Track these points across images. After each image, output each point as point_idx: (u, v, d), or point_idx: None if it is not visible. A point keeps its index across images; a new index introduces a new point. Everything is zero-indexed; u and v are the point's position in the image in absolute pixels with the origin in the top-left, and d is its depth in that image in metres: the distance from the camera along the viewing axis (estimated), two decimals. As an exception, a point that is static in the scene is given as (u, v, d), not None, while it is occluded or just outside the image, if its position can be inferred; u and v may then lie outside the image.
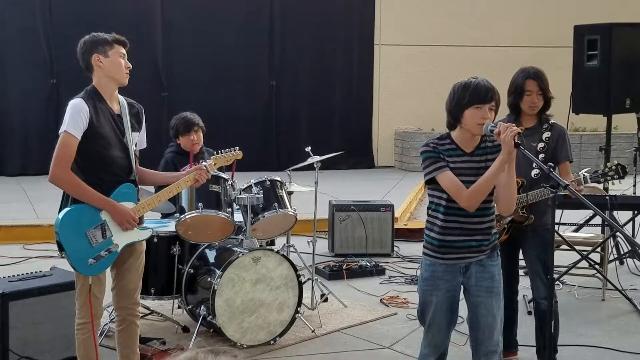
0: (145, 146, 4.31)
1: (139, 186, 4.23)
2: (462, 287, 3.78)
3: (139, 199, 4.15)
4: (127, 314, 4.24)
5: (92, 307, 4.04)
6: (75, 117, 3.91)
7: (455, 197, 3.61)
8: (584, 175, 4.53)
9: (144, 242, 4.27)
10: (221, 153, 4.54)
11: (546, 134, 4.64)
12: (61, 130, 3.94)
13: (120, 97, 4.15)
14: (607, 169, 4.60)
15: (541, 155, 4.59)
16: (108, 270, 4.14)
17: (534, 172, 4.57)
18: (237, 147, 4.58)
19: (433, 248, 3.75)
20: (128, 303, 4.23)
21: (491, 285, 3.72)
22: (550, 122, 4.68)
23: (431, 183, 3.70)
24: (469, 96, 3.59)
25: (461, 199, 3.60)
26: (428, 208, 3.80)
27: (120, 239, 4.06)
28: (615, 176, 4.59)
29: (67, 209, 3.99)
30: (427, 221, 3.79)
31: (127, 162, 4.09)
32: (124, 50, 4.07)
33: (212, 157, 4.53)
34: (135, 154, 4.17)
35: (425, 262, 3.81)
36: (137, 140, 4.18)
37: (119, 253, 4.08)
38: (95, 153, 3.98)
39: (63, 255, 4.00)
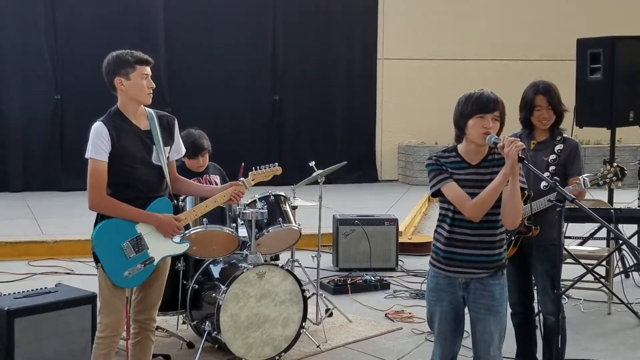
0: (183, 154, 4.38)
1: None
2: (464, 300, 3.81)
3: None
4: (142, 327, 4.26)
5: (113, 322, 4.05)
6: (96, 141, 3.97)
7: (459, 207, 3.66)
8: (584, 179, 4.54)
9: (169, 260, 4.30)
10: (260, 169, 4.67)
11: (559, 146, 4.66)
12: (86, 155, 4.01)
13: (150, 111, 4.17)
14: (606, 171, 4.61)
15: (552, 167, 4.62)
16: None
17: (543, 184, 4.57)
18: (277, 163, 4.78)
19: (438, 259, 3.79)
20: (144, 317, 4.26)
21: (490, 304, 3.72)
22: (563, 135, 4.72)
23: (438, 195, 3.74)
24: (471, 106, 3.64)
25: (465, 210, 3.64)
26: (438, 220, 3.84)
27: (157, 252, 4.09)
28: (614, 178, 4.60)
29: (102, 222, 4.03)
30: (435, 231, 3.83)
31: (156, 179, 4.13)
32: (147, 70, 4.08)
33: (250, 172, 4.64)
34: (170, 167, 4.20)
35: (430, 272, 3.86)
36: (169, 153, 4.21)
37: (156, 266, 4.11)
38: (122, 173, 4.03)
39: (98, 267, 4.04)
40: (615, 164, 4.69)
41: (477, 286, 3.73)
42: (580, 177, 4.56)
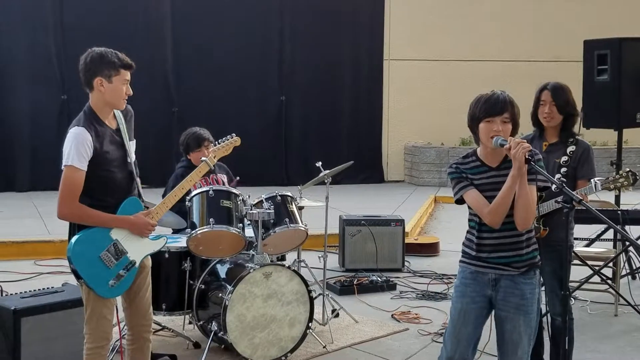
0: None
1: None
2: (491, 303, 3.73)
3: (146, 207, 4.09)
4: (140, 331, 4.20)
5: (103, 330, 3.98)
6: (80, 148, 3.80)
7: (479, 214, 3.65)
8: (595, 182, 4.53)
9: (150, 257, 4.20)
10: (219, 143, 4.52)
11: (571, 148, 4.67)
12: (65, 162, 3.83)
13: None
14: (617, 176, 4.61)
15: (563, 169, 4.62)
16: None
17: (554, 186, 4.56)
18: (234, 134, 4.56)
19: (468, 257, 3.76)
20: (142, 321, 4.18)
21: (520, 303, 3.66)
22: (576, 137, 4.72)
23: (462, 202, 3.72)
24: (479, 110, 3.62)
25: (484, 216, 3.63)
26: (468, 226, 3.81)
27: (136, 253, 4.02)
28: (626, 182, 4.59)
29: (75, 237, 3.91)
30: (465, 238, 3.80)
31: (129, 180, 4.02)
32: (128, 76, 3.96)
33: (210, 150, 4.49)
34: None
35: (458, 270, 3.83)
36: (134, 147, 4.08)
37: (138, 268, 4.04)
38: (101, 178, 3.90)
39: (81, 283, 3.95)
40: (628, 169, 4.68)
41: (507, 284, 3.68)
42: (592, 180, 4.55)
